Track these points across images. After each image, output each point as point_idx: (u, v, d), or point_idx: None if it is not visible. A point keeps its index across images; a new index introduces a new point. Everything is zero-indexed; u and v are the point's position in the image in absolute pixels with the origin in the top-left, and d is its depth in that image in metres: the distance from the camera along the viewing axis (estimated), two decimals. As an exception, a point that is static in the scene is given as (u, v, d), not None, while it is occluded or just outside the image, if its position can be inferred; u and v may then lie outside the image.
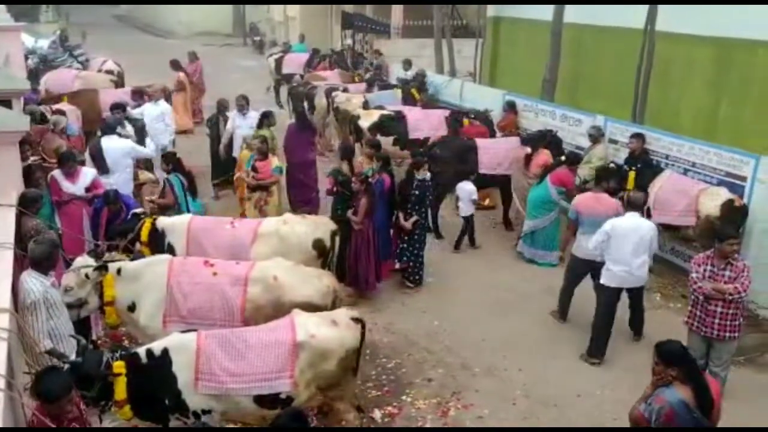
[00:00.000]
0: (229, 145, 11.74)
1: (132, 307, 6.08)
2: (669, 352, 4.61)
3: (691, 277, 6.52)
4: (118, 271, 6.08)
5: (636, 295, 7.67)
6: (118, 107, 11.06)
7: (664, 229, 9.06)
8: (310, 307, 5.83)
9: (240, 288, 6.08)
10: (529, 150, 10.47)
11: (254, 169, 9.63)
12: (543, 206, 9.58)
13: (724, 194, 8.45)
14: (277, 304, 5.98)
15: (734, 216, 8.12)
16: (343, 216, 8.53)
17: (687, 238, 8.93)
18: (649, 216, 8.99)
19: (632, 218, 7.21)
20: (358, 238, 8.51)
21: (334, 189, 9.03)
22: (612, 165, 9.52)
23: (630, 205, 7.41)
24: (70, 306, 5.86)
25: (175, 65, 16.65)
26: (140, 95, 12.84)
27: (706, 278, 6.38)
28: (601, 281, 7.34)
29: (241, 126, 11.58)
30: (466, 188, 10.16)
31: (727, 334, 6.41)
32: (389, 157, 9.54)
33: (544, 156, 10.27)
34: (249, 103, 11.83)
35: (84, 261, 6.05)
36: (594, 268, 7.62)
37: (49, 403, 3.89)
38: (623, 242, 7.07)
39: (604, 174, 8.36)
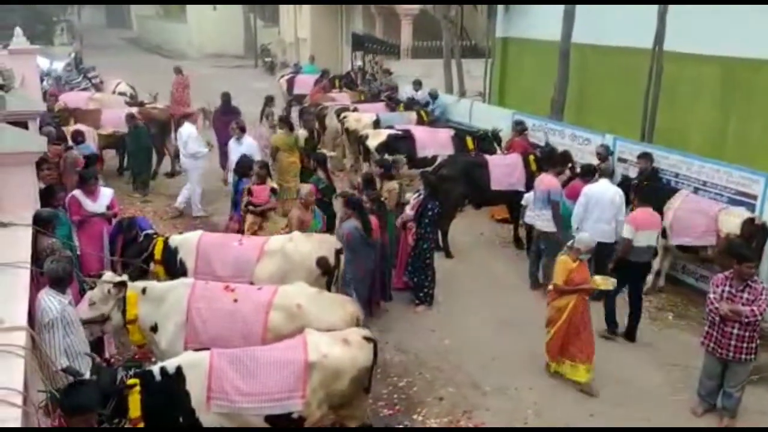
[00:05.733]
0: None
1: (155, 329, 6.08)
2: (350, 201, 8.12)
3: (708, 297, 6.46)
4: (143, 290, 6.11)
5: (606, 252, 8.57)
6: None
7: (682, 250, 9.05)
8: None
9: (261, 315, 6.01)
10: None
11: (250, 192, 9.26)
12: (563, 222, 9.41)
13: (745, 213, 8.41)
14: (300, 332, 5.76)
15: (756, 234, 8.09)
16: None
17: (706, 259, 8.86)
18: (665, 237, 9.02)
19: (604, 184, 8.96)
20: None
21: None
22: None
23: (602, 174, 9.22)
24: (93, 321, 5.93)
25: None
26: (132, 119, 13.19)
27: (723, 299, 6.33)
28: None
29: (235, 152, 11.49)
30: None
31: (744, 356, 6.36)
32: (371, 177, 9.44)
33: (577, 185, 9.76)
34: (245, 131, 11.83)
35: (111, 277, 6.13)
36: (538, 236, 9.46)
37: (81, 415, 3.88)
38: (598, 203, 8.75)
39: (553, 159, 10.01)
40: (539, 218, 9.37)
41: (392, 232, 9.17)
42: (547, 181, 9.35)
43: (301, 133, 12.22)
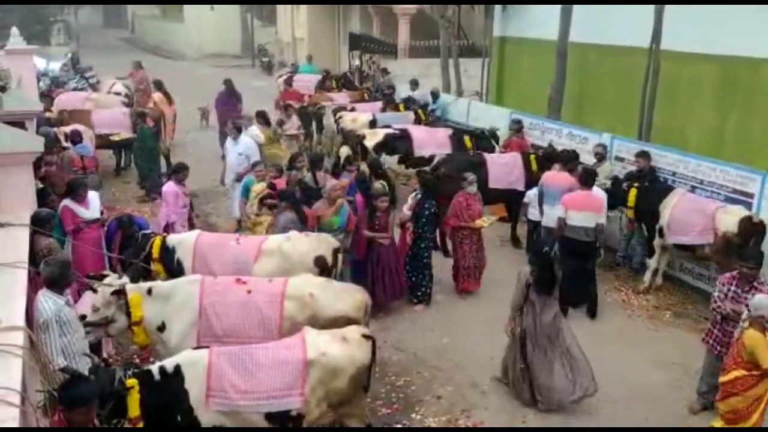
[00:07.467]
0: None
1: (162, 328, 6.09)
2: (285, 194, 8.46)
3: (713, 295, 6.49)
4: (149, 291, 6.13)
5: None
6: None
7: (680, 249, 9.05)
8: (345, 321, 5.95)
9: (277, 305, 6.12)
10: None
11: (272, 187, 9.27)
12: None
13: (742, 211, 8.40)
14: (313, 320, 6.01)
15: (754, 232, 8.08)
16: None
17: (703, 257, 8.86)
18: (662, 235, 9.01)
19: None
20: (389, 252, 8.65)
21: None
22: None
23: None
24: (96, 324, 5.93)
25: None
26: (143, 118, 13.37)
27: (728, 299, 6.34)
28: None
29: (231, 152, 11.47)
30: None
31: None
32: (365, 176, 9.43)
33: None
34: (241, 131, 11.67)
35: (111, 280, 6.13)
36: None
37: (81, 408, 3.89)
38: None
39: (567, 157, 9.97)
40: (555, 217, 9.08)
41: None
42: (565, 178, 9.38)
43: (344, 149, 12.00)
